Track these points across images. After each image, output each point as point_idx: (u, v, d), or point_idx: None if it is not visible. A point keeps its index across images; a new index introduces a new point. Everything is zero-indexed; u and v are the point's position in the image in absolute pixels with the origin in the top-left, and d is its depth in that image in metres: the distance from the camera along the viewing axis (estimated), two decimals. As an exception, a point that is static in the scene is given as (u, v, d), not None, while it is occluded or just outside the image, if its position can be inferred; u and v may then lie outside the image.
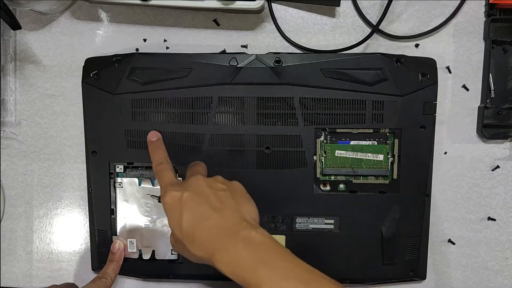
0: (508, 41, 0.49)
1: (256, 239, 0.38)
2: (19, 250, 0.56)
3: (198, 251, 0.39)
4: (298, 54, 0.50)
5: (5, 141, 0.55)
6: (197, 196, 0.41)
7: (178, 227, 0.40)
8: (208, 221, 0.39)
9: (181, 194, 0.41)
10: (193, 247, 0.40)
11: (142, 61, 0.50)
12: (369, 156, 0.50)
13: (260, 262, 0.37)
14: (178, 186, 0.42)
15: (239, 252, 0.37)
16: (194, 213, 0.40)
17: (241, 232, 0.39)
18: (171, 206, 0.41)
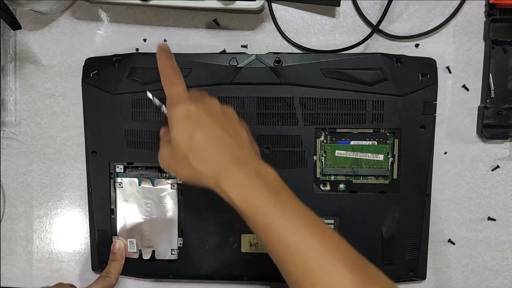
0: (508, 41, 0.49)
1: (270, 175, 0.38)
2: (19, 250, 0.56)
3: (202, 167, 0.38)
4: (298, 54, 0.50)
5: (5, 141, 0.55)
6: (213, 116, 0.39)
7: (186, 140, 0.38)
8: (223, 143, 0.38)
9: (195, 108, 0.39)
10: (199, 163, 0.38)
11: (142, 61, 0.50)
12: (369, 156, 0.50)
13: (273, 194, 0.36)
14: (192, 100, 0.40)
15: (252, 180, 0.37)
16: (211, 130, 0.38)
17: (256, 164, 0.38)
18: (183, 117, 0.39)
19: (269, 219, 0.36)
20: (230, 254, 0.51)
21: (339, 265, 0.34)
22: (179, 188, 0.51)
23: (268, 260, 0.51)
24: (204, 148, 0.38)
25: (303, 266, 0.35)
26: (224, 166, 0.37)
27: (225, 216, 0.51)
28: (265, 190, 0.36)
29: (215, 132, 0.39)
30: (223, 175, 0.37)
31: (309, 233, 0.35)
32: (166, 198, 0.51)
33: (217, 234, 0.51)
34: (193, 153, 0.38)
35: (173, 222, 0.51)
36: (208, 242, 0.51)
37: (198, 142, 0.38)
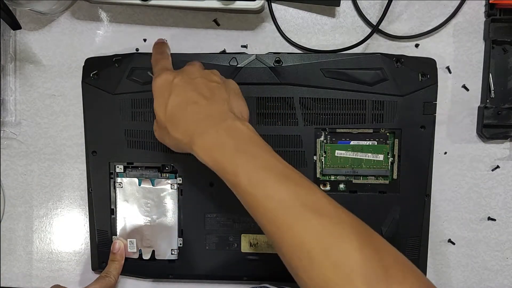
0: (508, 41, 0.49)
1: (240, 130, 0.38)
2: (19, 250, 0.56)
3: (178, 134, 0.39)
4: (298, 54, 0.50)
5: (5, 141, 0.55)
6: (189, 82, 0.40)
7: (163, 109, 0.39)
8: (194, 105, 0.39)
9: (173, 77, 0.40)
10: (174, 130, 0.39)
11: (142, 61, 0.50)
12: (369, 156, 0.50)
13: (241, 150, 0.36)
14: (172, 71, 0.41)
15: (220, 138, 0.37)
16: (182, 96, 0.39)
17: (227, 121, 0.38)
18: (160, 88, 0.40)
19: (236, 175, 0.36)
20: (230, 254, 0.51)
21: (307, 212, 0.34)
22: (179, 188, 0.51)
23: (268, 260, 0.51)
24: (177, 114, 0.39)
25: (271, 216, 0.35)
26: (195, 130, 0.38)
27: (225, 216, 0.51)
28: (233, 147, 0.36)
29: (188, 97, 0.39)
30: (194, 138, 0.38)
31: (274, 184, 0.35)
32: (166, 198, 0.51)
33: (217, 234, 0.51)
34: (169, 122, 0.39)
35: (173, 222, 0.52)
36: (208, 242, 0.51)
37: (171, 109, 0.39)
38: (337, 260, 0.32)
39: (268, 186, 0.35)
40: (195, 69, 0.42)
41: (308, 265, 0.33)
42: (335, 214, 0.35)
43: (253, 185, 0.35)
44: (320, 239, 0.33)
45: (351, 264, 0.32)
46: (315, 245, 0.33)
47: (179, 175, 0.51)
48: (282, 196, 0.35)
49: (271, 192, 0.35)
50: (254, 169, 0.36)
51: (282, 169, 0.36)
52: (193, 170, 0.50)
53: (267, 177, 0.35)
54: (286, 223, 0.34)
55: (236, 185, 0.36)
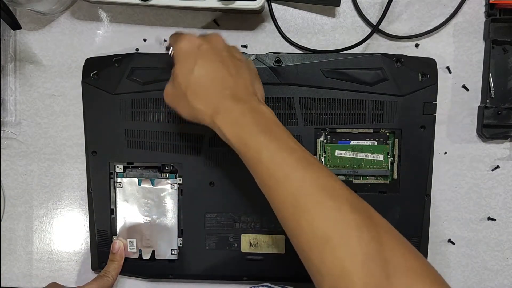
0: (508, 41, 0.49)
1: (264, 112, 0.38)
2: (19, 250, 0.56)
3: (200, 105, 0.38)
4: (298, 54, 0.50)
5: (5, 141, 0.55)
6: (216, 53, 0.39)
7: (187, 75, 0.38)
8: (221, 80, 0.38)
9: (200, 43, 0.39)
10: (195, 99, 0.38)
11: (142, 61, 0.50)
12: (369, 156, 0.50)
13: (266, 130, 0.37)
14: (197, 37, 0.40)
15: (246, 117, 0.37)
16: (210, 67, 0.38)
17: (252, 102, 0.38)
18: (186, 52, 0.39)
19: (259, 153, 0.36)
20: (230, 254, 0.51)
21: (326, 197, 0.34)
22: (179, 188, 0.51)
23: (268, 260, 0.51)
24: (202, 84, 0.38)
25: (289, 198, 0.35)
26: (220, 103, 0.38)
27: (225, 216, 0.51)
28: (257, 126, 0.37)
29: (215, 68, 0.38)
30: (218, 112, 0.37)
31: (296, 166, 0.35)
32: (166, 198, 0.51)
33: (217, 234, 0.51)
34: (191, 90, 0.38)
35: (173, 222, 0.52)
36: (208, 242, 0.51)
37: (196, 78, 0.38)
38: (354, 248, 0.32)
39: (290, 167, 0.35)
40: (220, 41, 0.41)
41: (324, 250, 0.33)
42: (354, 202, 0.35)
43: (275, 164, 0.35)
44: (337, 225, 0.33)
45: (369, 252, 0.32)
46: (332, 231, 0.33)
47: (179, 175, 0.51)
48: (302, 179, 0.35)
49: (291, 173, 0.35)
50: (277, 149, 0.36)
51: (303, 154, 0.37)
52: (193, 170, 0.50)
53: (290, 159, 0.35)
54: (304, 206, 0.34)
55: (258, 162, 0.36)
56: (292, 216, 0.35)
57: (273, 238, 0.51)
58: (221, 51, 0.40)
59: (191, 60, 0.38)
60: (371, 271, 0.31)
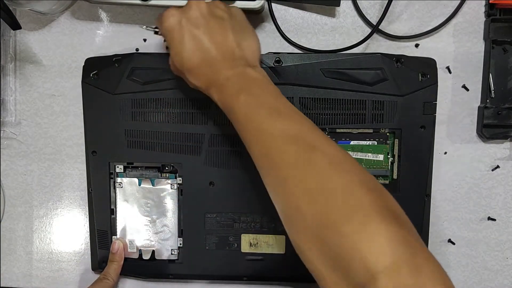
0: (508, 41, 0.49)
1: (249, 75, 0.40)
2: (19, 250, 0.56)
3: (195, 80, 0.41)
4: (298, 54, 0.50)
5: (5, 141, 0.55)
6: (196, 25, 0.40)
7: (178, 56, 0.41)
8: (207, 55, 0.40)
9: (180, 18, 0.41)
10: (193, 79, 0.41)
11: (142, 61, 0.50)
12: (369, 156, 0.50)
13: (243, 90, 0.39)
14: (176, 9, 0.41)
15: (232, 85, 0.39)
16: (194, 44, 0.40)
17: (238, 68, 0.40)
18: (171, 31, 0.41)
19: (236, 113, 0.39)
20: (230, 254, 0.51)
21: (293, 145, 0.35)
22: (179, 188, 0.51)
23: (268, 260, 0.51)
24: (192, 63, 0.41)
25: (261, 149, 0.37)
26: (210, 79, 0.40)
27: (225, 216, 0.51)
28: (238, 88, 0.39)
29: (199, 43, 0.40)
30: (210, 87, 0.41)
31: (265, 118, 0.37)
32: (166, 198, 0.51)
33: (217, 234, 0.51)
34: (188, 71, 0.41)
35: (173, 222, 0.52)
36: (208, 242, 0.51)
37: (185, 58, 0.41)
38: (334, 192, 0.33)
39: (260, 120, 0.37)
40: (197, 7, 0.41)
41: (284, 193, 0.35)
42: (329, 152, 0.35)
43: (248, 119, 0.38)
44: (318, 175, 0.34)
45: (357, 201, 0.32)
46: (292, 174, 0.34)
47: (179, 175, 0.51)
48: (272, 129, 0.36)
49: (262, 125, 0.37)
50: (251, 107, 0.38)
51: (277, 106, 0.38)
52: (193, 170, 0.50)
53: (261, 113, 0.37)
54: (274, 154, 0.36)
55: (236, 121, 0.39)
56: (266, 165, 0.37)
57: (273, 238, 0.51)
58: (201, 18, 0.41)
59: (177, 40, 0.41)
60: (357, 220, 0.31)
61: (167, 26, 0.41)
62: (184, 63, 0.41)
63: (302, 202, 0.33)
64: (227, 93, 0.39)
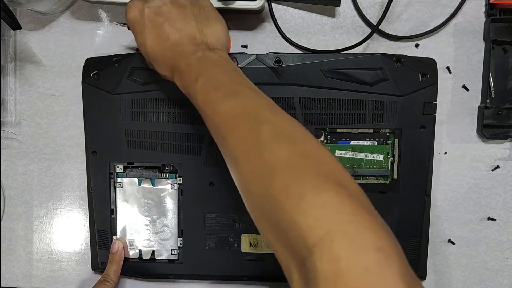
0: (508, 41, 0.49)
1: (209, 58, 0.40)
2: (19, 250, 0.56)
3: (161, 69, 0.42)
4: (298, 54, 0.50)
5: (5, 141, 0.55)
6: (157, 14, 0.41)
7: (143, 46, 0.41)
8: (168, 42, 0.40)
9: (142, 9, 0.41)
10: (159, 68, 0.42)
11: (142, 61, 0.49)
12: (369, 156, 0.50)
13: (201, 74, 0.38)
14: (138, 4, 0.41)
15: (191, 69, 0.39)
16: (156, 32, 0.40)
17: (198, 52, 0.40)
18: (134, 23, 0.41)
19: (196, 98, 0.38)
20: (230, 254, 0.51)
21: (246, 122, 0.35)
22: (179, 188, 0.51)
23: (268, 260, 0.51)
24: (156, 53, 0.41)
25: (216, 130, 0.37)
26: (173, 66, 0.40)
27: (225, 216, 0.51)
28: (196, 73, 0.39)
29: (161, 33, 0.40)
30: (174, 73, 0.41)
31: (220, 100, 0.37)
32: (166, 198, 0.51)
33: (217, 234, 0.51)
34: (154, 61, 0.42)
35: (173, 222, 0.52)
36: (208, 242, 0.51)
37: (151, 50, 0.41)
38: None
39: (215, 102, 0.37)
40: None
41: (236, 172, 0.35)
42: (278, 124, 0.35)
43: (205, 102, 0.38)
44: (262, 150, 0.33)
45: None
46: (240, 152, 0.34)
47: (179, 175, 0.51)
48: (224, 108, 0.36)
49: (217, 107, 0.37)
50: (207, 89, 0.38)
51: (233, 87, 0.38)
52: (193, 170, 0.50)
53: (216, 95, 0.37)
54: (225, 133, 0.36)
55: (197, 107, 0.39)
56: (221, 147, 0.37)
57: (273, 238, 0.51)
58: (163, 6, 0.41)
59: (140, 31, 0.41)
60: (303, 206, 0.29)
61: (130, 17, 0.41)
62: (148, 52, 0.41)
63: (250, 181, 0.33)
64: (188, 79, 0.39)
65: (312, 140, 0.34)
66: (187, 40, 0.40)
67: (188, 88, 0.39)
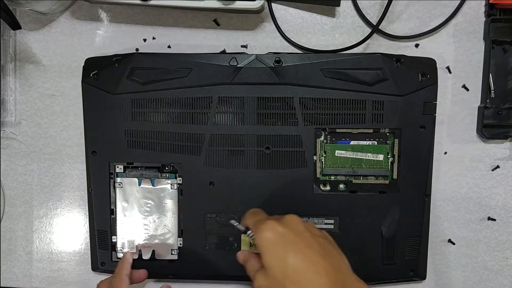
0: (508, 41, 0.49)
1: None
2: (19, 250, 0.56)
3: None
4: (298, 54, 0.50)
5: (5, 141, 0.55)
6: (300, 239, 0.39)
7: (282, 267, 0.38)
8: (316, 266, 0.38)
9: (283, 232, 0.39)
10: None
11: (142, 61, 0.50)
12: (369, 156, 0.50)
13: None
14: (275, 221, 0.40)
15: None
16: (301, 254, 0.38)
17: (354, 284, 0.38)
18: (273, 242, 0.39)
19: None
20: (230, 254, 0.51)
21: None
22: (179, 188, 0.51)
23: (268, 260, 0.51)
24: (299, 274, 0.38)
25: None
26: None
27: (225, 216, 0.51)
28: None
29: (306, 255, 0.38)
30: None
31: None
32: (166, 198, 0.51)
33: (217, 234, 0.51)
34: (289, 282, 0.38)
35: (173, 222, 0.52)
36: (208, 242, 0.51)
37: (291, 268, 0.38)
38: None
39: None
40: (298, 222, 0.41)
41: None
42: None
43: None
44: None
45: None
46: None
47: (179, 175, 0.51)
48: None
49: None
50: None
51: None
52: (193, 170, 0.50)
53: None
54: None
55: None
56: None
57: (273, 238, 0.51)
58: (303, 233, 0.40)
59: (281, 250, 0.38)
60: None
61: (269, 237, 0.39)
62: (289, 273, 0.37)
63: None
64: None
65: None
66: (335, 265, 0.39)
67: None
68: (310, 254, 0.38)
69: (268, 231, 0.39)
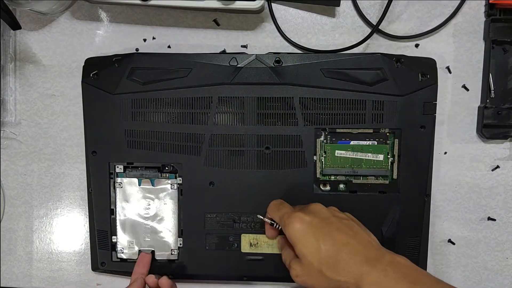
0: (508, 41, 0.49)
1: (400, 263, 0.39)
2: (19, 250, 0.56)
3: (341, 277, 0.39)
4: (298, 54, 0.50)
5: (5, 141, 0.55)
6: (327, 224, 0.41)
7: (316, 254, 0.40)
8: (348, 246, 0.39)
9: (310, 219, 0.41)
10: (334, 273, 0.39)
11: (142, 61, 0.50)
12: (369, 156, 0.50)
13: (414, 281, 0.37)
14: (301, 212, 0.42)
15: (390, 274, 0.38)
16: (331, 238, 0.40)
17: (385, 256, 0.39)
18: (303, 231, 0.40)
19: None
20: (230, 254, 0.51)
21: None
22: (179, 188, 0.51)
23: (268, 260, 0.51)
24: (333, 257, 0.39)
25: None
26: (360, 271, 0.38)
27: (225, 216, 0.51)
28: (403, 282, 0.37)
29: (337, 239, 0.40)
30: (361, 279, 0.38)
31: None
32: (166, 198, 0.51)
33: (217, 234, 0.51)
34: (325, 266, 0.39)
35: (173, 222, 0.52)
36: (208, 242, 0.51)
37: (326, 253, 0.39)
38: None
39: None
40: (322, 209, 0.43)
41: None
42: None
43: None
44: None
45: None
46: None
47: (179, 175, 0.51)
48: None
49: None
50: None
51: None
52: (193, 170, 0.50)
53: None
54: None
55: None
56: None
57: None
58: (329, 218, 0.42)
59: (311, 238, 0.40)
60: None
61: (299, 228, 0.41)
62: (323, 260, 0.39)
63: None
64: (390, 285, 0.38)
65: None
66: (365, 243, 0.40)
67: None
68: (340, 237, 0.40)
69: (297, 223, 0.41)
